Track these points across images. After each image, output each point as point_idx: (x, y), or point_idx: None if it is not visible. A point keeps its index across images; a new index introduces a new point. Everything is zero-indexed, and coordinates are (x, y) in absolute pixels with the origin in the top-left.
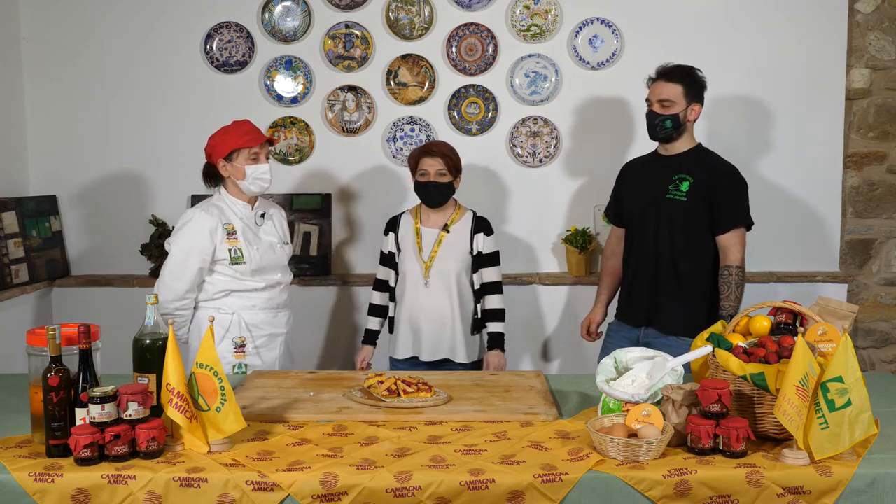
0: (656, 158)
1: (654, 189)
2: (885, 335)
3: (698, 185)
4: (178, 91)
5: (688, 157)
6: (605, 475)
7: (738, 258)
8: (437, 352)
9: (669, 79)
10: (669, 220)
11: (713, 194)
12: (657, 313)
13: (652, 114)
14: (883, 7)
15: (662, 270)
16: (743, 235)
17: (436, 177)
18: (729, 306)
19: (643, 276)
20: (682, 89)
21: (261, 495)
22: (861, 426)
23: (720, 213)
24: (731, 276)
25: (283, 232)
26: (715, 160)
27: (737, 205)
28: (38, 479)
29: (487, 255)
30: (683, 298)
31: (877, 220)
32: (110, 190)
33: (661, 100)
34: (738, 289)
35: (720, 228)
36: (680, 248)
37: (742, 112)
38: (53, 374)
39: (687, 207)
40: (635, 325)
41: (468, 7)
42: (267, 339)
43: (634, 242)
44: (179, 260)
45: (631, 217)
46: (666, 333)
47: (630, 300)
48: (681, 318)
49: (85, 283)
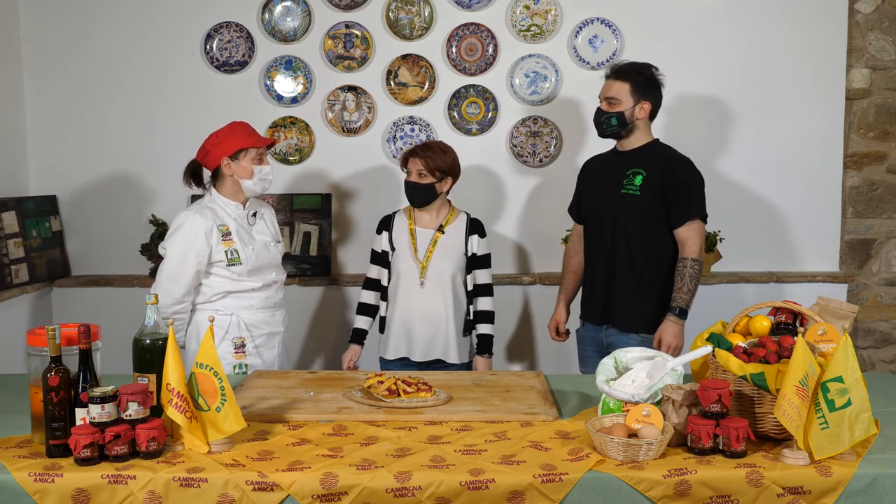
0: (614, 154)
1: (609, 185)
2: (885, 335)
3: (651, 178)
4: (178, 91)
5: (642, 151)
6: (605, 475)
7: (696, 251)
8: (430, 352)
9: (617, 77)
10: (624, 215)
11: (666, 187)
12: (614, 311)
13: (599, 111)
14: (883, 7)
15: (619, 267)
16: (700, 228)
17: (416, 177)
18: (680, 298)
19: (600, 274)
20: (629, 87)
21: (261, 495)
22: (861, 426)
23: (674, 206)
24: (686, 268)
25: (274, 230)
26: (669, 153)
27: (691, 197)
28: (38, 479)
29: (481, 256)
30: (640, 295)
31: (877, 220)
32: (110, 190)
33: (607, 97)
34: (691, 281)
35: (676, 222)
36: (636, 243)
37: (741, 112)
38: (53, 374)
39: (640, 201)
40: (597, 323)
41: (468, 7)
42: (266, 339)
43: (593, 239)
44: (176, 264)
45: (589, 213)
46: (625, 331)
47: (589, 298)
48: (637, 315)
49: (85, 283)
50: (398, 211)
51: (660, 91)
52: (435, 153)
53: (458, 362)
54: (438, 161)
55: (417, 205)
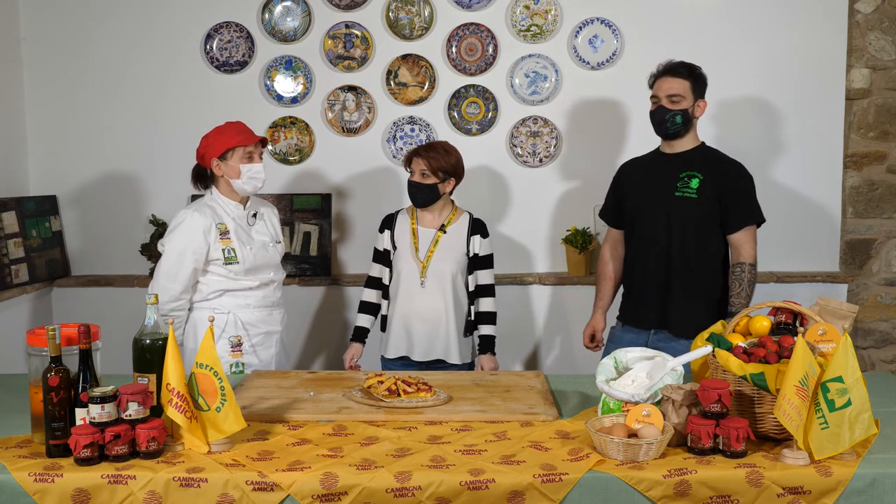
0: (660, 157)
1: (660, 187)
2: (885, 335)
3: (708, 182)
4: (177, 91)
5: (694, 154)
6: (605, 475)
7: (751, 255)
8: (431, 352)
9: (676, 74)
10: (680, 219)
11: (724, 192)
12: (669, 316)
13: (662, 109)
14: (883, 7)
15: (674, 271)
16: (755, 233)
17: (419, 177)
18: (739, 303)
19: (653, 278)
20: (690, 84)
21: (261, 495)
22: (861, 426)
23: (733, 210)
24: (744, 273)
25: (275, 230)
26: (721, 157)
27: (749, 202)
28: (38, 479)
29: (483, 257)
30: (696, 300)
31: (877, 220)
32: (110, 190)
33: (670, 95)
34: (749, 287)
35: (733, 226)
36: (691, 247)
37: (741, 112)
38: (53, 374)
39: (698, 205)
40: (644, 328)
41: (468, 7)
42: (263, 338)
43: (641, 243)
44: (174, 261)
45: (636, 217)
46: (678, 336)
47: (638, 303)
48: (693, 320)
49: (85, 283)
50: (401, 210)
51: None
52: (438, 154)
53: (460, 363)
54: (441, 162)
55: (419, 205)
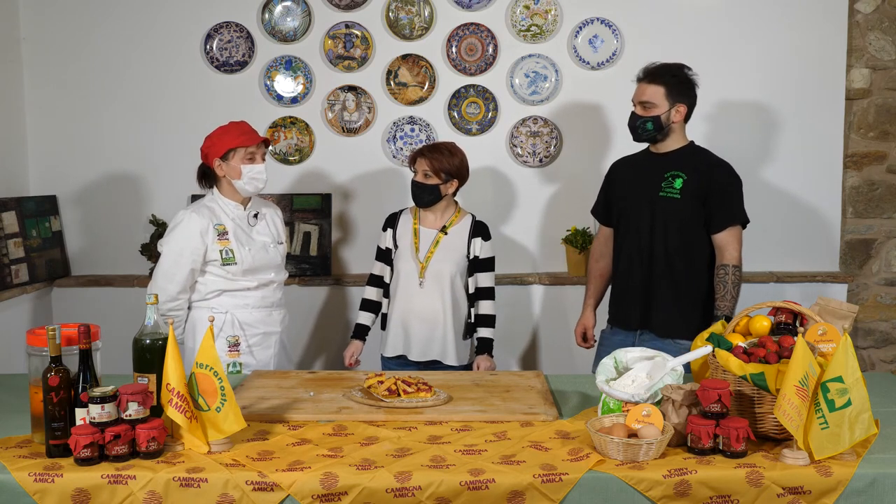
0: (648, 156)
1: (646, 187)
2: (885, 335)
3: (692, 182)
4: (177, 91)
5: (680, 154)
6: (605, 475)
7: (735, 257)
8: (428, 352)
9: (652, 80)
10: (663, 219)
11: (707, 192)
12: (652, 316)
13: (633, 115)
14: (883, 7)
15: (657, 271)
16: (739, 233)
17: (422, 178)
18: (724, 306)
19: (637, 278)
20: (664, 90)
21: (261, 495)
22: (861, 426)
23: (716, 210)
24: (728, 275)
25: (276, 231)
26: (708, 157)
27: (733, 202)
28: (38, 479)
29: (483, 259)
30: (679, 300)
31: (877, 220)
32: (110, 190)
33: (641, 101)
34: (734, 288)
35: (716, 227)
36: (675, 248)
37: (741, 112)
38: (53, 374)
39: (681, 205)
40: (630, 329)
41: (468, 7)
42: (261, 338)
43: (626, 242)
44: (171, 261)
45: (622, 216)
46: (662, 337)
47: (623, 303)
48: (677, 321)
49: (85, 283)
50: (405, 209)
51: (694, 92)
52: (442, 155)
53: (457, 364)
54: (444, 163)
55: (421, 205)
